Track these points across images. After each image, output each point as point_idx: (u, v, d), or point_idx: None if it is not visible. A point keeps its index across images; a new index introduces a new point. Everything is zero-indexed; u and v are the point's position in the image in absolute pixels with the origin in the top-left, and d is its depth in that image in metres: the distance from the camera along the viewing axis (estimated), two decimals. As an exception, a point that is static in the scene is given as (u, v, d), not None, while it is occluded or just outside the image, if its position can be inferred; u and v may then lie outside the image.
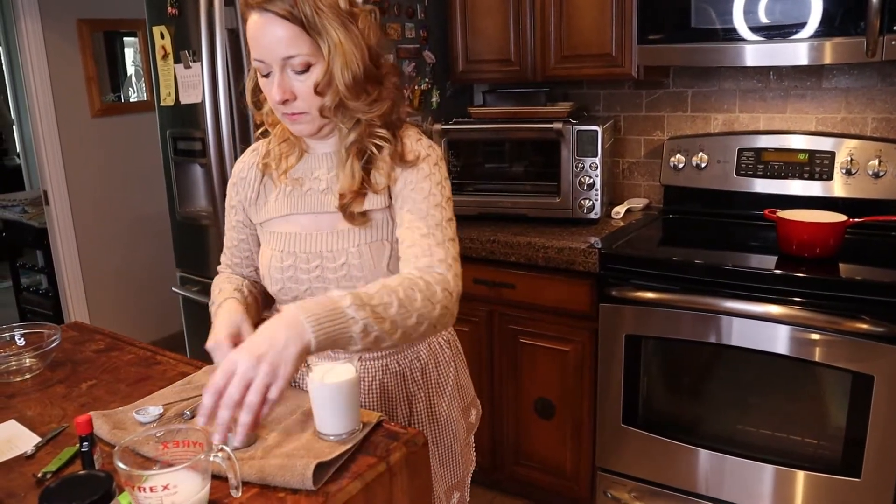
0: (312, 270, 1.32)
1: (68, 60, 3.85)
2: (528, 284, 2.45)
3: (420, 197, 1.27)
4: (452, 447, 1.49)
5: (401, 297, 1.10)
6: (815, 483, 2.06)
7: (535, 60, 2.68)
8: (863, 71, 2.41)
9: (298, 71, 1.21)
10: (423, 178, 1.28)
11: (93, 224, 4.04)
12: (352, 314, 1.04)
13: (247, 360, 0.97)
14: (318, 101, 1.23)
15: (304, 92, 1.22)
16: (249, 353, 0.97)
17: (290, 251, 1.34)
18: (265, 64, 1.22)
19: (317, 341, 1.00)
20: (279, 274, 1.35)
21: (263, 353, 0.97)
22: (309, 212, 1.34)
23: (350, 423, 1.16)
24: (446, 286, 1.18)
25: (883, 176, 2.31)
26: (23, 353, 1.51)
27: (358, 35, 1.22)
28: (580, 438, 2.47)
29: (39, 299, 4.48)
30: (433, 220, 1.25)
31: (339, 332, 1.03)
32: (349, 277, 1.31)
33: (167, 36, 2.75)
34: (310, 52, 1.19)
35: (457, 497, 1.53)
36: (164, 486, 0.93)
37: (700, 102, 2.72)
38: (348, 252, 1.31)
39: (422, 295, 1.13)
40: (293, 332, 0.99)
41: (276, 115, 1.31)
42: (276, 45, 1.19)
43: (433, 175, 1.29)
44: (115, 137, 4.09)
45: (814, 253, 2.09)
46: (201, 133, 2.67)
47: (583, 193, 2.55)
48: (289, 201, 1.36)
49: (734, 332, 2.09)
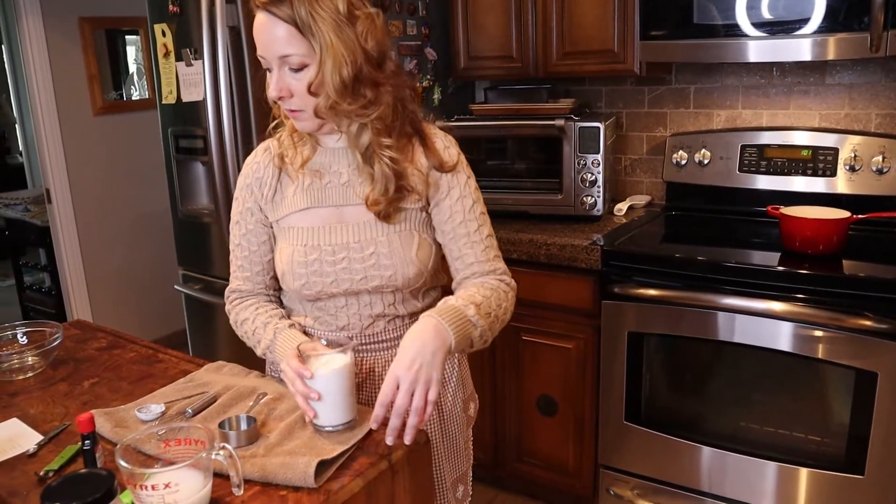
0: (339, 262, 1.33)
1: (70, 59, 3.86)
2: (530, 281, 2.45)
3: (469, 204, 1.37)
4: (457, 439, 1.51)
5: (495, 308, 1.30)
6: (819, 480, 2.05)
7: (537, 57, 2.67)
8: (866, 67, 2.40)
9: (294, 69, 1.24)
10: (464, 185, 1.38)
11: (95, 222, 4.04)
12: (475, 321, 1.23)
13: (407, 375, 1.12)
14: (313, 101, 1.25)
15: (298, 90, 1.25)
16: (408, 369, 1.13)
17: (314, 245, 1.35)
18: (266, 60, 1.26)
19: (456, 342, 1.18)
20: (303, 269, 1.35)
21: (419, 365, 1.13)
22: (331, 205, 1.36)
23: (346, 415, 1.18)
24: (514, 292, 1.39)
25: (887, 172, 2.30)
26: (25, 351, 1.51)
27: (353, 38, 1.22)
28: (583, 436, 2.47)
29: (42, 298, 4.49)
30: (486, 232, 1.39)
31: (467, 335, 1.23)
32: (378, 266, 1.33)
33: (169, 34, 2.75)
34: (305, 52, 1.22)
35: (461, 490, 1.55)
36: (166, 484, 0.93)
37: (703, 99, 2.71)
38: (377, 241, 1.33)
39: (506, 305, 1.34)
40: (438, 339, 1.16)
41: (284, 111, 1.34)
42: (274, 43, 1.22)
43: (471, 179, 1.39)
44: (117, 135, 4.10)
45: (817, 250, 2.08)
46: (203, 131, 2.67)
47: (585, 190, 2.54)
48: (308, 195, 1.36)
49: (737, 329, 2.08)
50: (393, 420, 1.12)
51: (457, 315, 1.21)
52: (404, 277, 1.34)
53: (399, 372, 1.13)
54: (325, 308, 1.39)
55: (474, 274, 1.37)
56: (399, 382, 1.13)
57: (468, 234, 1.37)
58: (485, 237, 1.38)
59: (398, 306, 1.39)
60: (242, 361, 1.51)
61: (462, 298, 1.26)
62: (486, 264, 1.37)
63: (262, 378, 1.42)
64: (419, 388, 1.12)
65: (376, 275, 1.33)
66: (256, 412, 1.24)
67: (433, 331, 1.17)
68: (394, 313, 1.40)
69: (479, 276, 1.37)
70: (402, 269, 1.34)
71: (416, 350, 1.15)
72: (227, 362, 1.49)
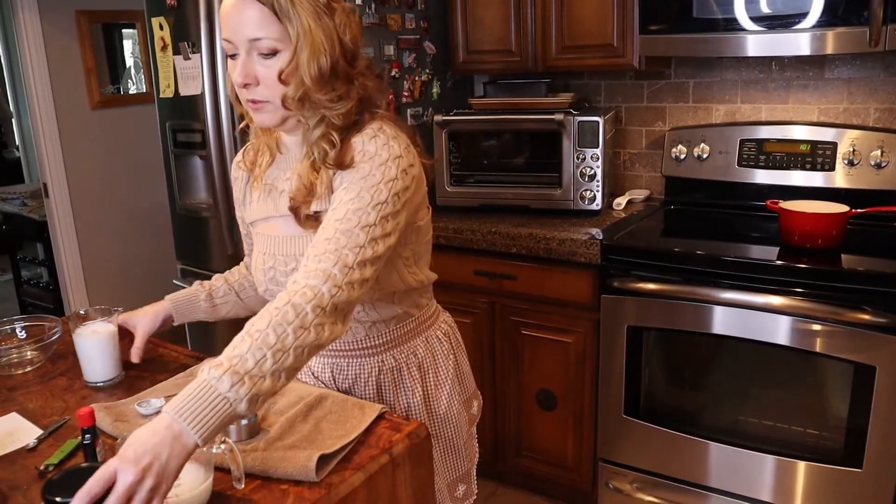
0: (289, 273, 1.29)
1: (67, 52, 3.84)
2: (529, 276, 2.45)
3: (347, 198, 1.19)
4: (454, 440, 1.48)
5: (272, 344, 1.01)
6: (817, 473, 2.06)
7: (536, 51, 2.67)
8: (865, 61, 2.40)
9: (264, 54, 1.17)
10: (358, 179, 1.20)
11: (93, 217, 4.03)
12: (233, 397, 0.96)
13: (132, 474, 0.88)
14: (281, 90, 1.19)
15: (267, 78, 1.18)
16: (135, 466, 0.88)
17: (270, 253, 1.34)
18: (232, 44, 1.19)
19: (203, 440, 0.94)
20: (262, 276, 1.35)
21: (149, 465, 0.89)
22: (282, 214, 1.31)
23: (106, 374, 1.41)
24: (319, 302, 1.08)
25: (885, 166, 2.30)
26: (24, 345, 1.51)
27: (332, 28, 1.18)
28: (582, 430, 2.47)
29: (40, 292, 4.48)
30: (346, 225, 1.15)
31: (226, 418, 0.97)
32: None
33: (166, 27, 2.74)
34: (278, 37, 1.16)
35: (463, 489, 1.52)
36: (167, 478, 0.93)
37: (702, 93, 2.71)
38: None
39: (293, 327, 1.04)
40: (177, 445, 0.92)
41: (242, 103, 1.26)
42: (245, 26, 1.16)
43: (371, 176, 1.19)
44: (115, 130, 4.08)
45: (816, 244, 2.08)
46: (201, 125, 2.66)
47: (584, 185, 2.54)
48: (266, 204, 1.35)
49: (736, 322, 2.09)
50: None
51: (205, 401, 0.95)
52: None
53: (120, 466, 0.89)
54: None
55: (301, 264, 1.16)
56: (117, 477, 0.88)
57: (328, 220, 1.18)
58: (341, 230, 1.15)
59: (371, 312, 1.33)
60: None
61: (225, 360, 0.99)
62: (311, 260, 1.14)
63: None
64: (143, 494, 0.88)
65: None
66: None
67: (173, 431, 0.93)
68: (369, 319, 1.34)
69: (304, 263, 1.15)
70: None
71: (148, 448, 0.91)
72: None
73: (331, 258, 1.12)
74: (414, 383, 1.41)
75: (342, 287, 1.11)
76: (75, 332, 1.41)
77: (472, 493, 1.55)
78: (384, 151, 1.22)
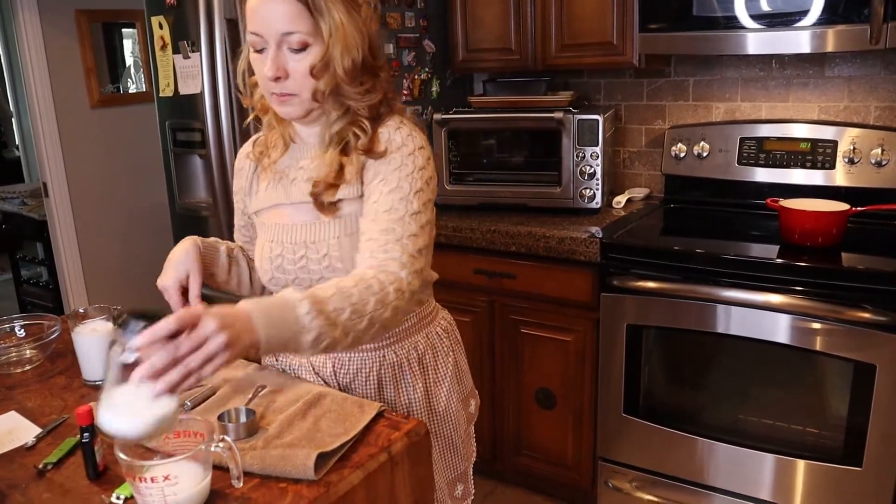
0: (298, 261, 1.32)
1: (67, 52, 3.84)
2: (528, 274, 2.45)
3: (387, 189, 1.24)
4: (452, 438, 1.48)
5: (354, 302, 1.09)
6: (817, 472, 2.06)
7: (536, 49, 2.66)
8: (866, 59, 2.40)
9: (295, 49, 1.19)
10: (392, 170, 1.25)
11: (92, 216, 4.03)
12: (306, 322, 1.02)
13: (214, 324, 0.91)
14: (310, 84, 1.21)
15: (297, 72, 1.21)
16: (219, 321, 0.92)
17: (279, 241, 1.35)
18: (261, 38, 1.20)
19: (265, 343, 0.98)
20: (268, 264, 1.36)
21: (229, 326, 0.93)
22: (293, 202, 1.34)
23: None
24: (400, 286, 1.16)
25: (886, 165, 2.30)
26: (23, 344, 1.51)
27: (360, 22, 1.22)
28: (581, 428, 2.47)
29: (40, 291, 4.48)
30: (396, 215, 1.22)
31: (291, 338, 1.02)
32: (332, 269, 1.30)
33: (166, 26, 2.73)
34: (309, 31, 1.18)
35: (461, 489, 1.52)
36: (165, 476, 0.93)
37: (701, 91, 2.71)
38: (329, 244, 1.30)
39: (375, 298, 1.11)
40: (246, 334, 0.96)
41: (265, 95, 1.28)
42: (276, 20, 1.18)
43: (405, 166, 1.26)
44: (115, 129, 4.08)
45: (816, 242, 2.08)
46: (200, 124, 2.66)
47: (584, 183, 2.54)
48: (276, 192, 1.37)
49: (736, 321, 2.09)
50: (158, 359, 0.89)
51: (282, 312, 1.02)
52: None
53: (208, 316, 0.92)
54: None
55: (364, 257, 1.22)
56: (199, 322, 0.91)
57: (376, 212, 1.23)
58: (394, 220, 1.22)
59: None
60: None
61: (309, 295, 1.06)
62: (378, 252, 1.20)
63: (261, 370, 1.41)
64: (212, 346, 0.91)
65: (331, 276, 1.27)
66: (255, 405, 1.24)
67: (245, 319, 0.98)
68: None
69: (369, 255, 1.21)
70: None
71: (230, 318, 0.95)
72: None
73: (396, 248, 1.19)
74: (415, 379, 1.41)
75: (414, 274, 1.20)
76: (74, 331, 1.41)
77: (470, 494, 1.55)
78: (410, 142, 1.28)
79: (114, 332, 1.04)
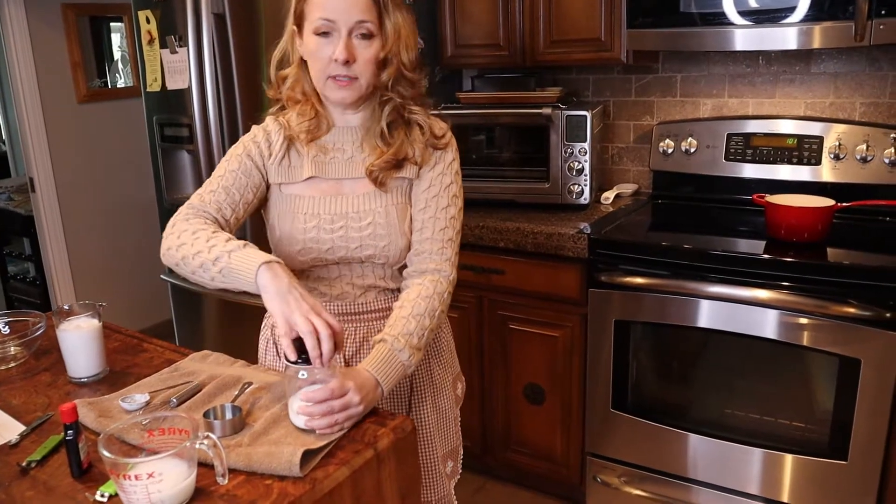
0: (336, 230, 1.39)
1: (53, 46, 3.81)
2: (517, 270, 2.45)
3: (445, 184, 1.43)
4: (447, 414, 1.57)
5: (426, 325, 1.34)
6: (803, 466, 2.07)
7: (525, 45, 2.66)
8: (851, 55, 2.41)
9: (364, 36, 1.31)
10: (445, 168, 1.43)
11: (80, 211, 4.01)
12: (407, 363, 1.29)
13: (358, 397, 1.16)
14: (371, 70, 1.33)
15: (365, 57, 1.32)
16: (360, 392, 1.17)
17: (314, 213, 1.40)
18: (333, 24, 1.30)
19: (387, 390, 1.25)
20: (301, 235, 1.40)
21: (364, 394, 1.18)
22: (333, 177, 1.41)
23: (90, 369, 1.40)
24: (450, 285, 1.41)
25: (871, 161, 2.32)
26: (7, 341, 1.50)
27: (412, 22, 1.37)
28: (570, 424, 2.48)
29: (27, 287, 4.46)
30: (449, 213, 1.42)
31: (400, 377, 1.29)
32: (374, 236, 1.40)
33: (153, 21, 2.72)
34: (375, 22, 1.31)
35: (451, 466, 1.59)
36: (150, 473, 0.93)
37: (689, 87, 2.71)
38: (375, 212, 1.40)
39: (438, 311, 1.37)
40: (374, 393, 1.22)
41: (318, 79, 1.35)
42: (354, 8, 1.29)
43: (452, 165, 1.45)
44: (102, 124, 4.06)
45: (802, 237, 2.09)
46: (188, 119, 2.65)
47: (572, 179, 2.54)
48: (313, 166, 1.41)
49: (723, 316, 2.10)
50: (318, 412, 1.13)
51: (392, 365, 1.27)
52: (396, 248, 1.41)
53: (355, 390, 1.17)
54: (320, 279, 1.44)
55: (422, 254, 1.41)
56: (347, 395, 1.15)
57: (436, 208, 1.41)
58: (449, 217, 1.43)
59: (388, 280, 1.46)
60: (228, 351, 1.51)
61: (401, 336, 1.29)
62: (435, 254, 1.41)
63: (247, 367, 1.41)
64: (354, 411, 1.16)
65: (371, 244, 1.40)
66: (241, 402, 1.24)
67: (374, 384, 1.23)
68: (384, 286, 1.47)
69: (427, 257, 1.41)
70: (396, 240, 1.41)
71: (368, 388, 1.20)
72: (213, 352, 1.48)
73: (448, 249, 1.42)
74: None
75: (456, 267, 1.44)
76: (59, 328, 1.40)
77: (458, 472, 1.64)
78: (453, 140, 1.47)
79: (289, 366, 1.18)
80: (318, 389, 1.14)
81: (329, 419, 1.13)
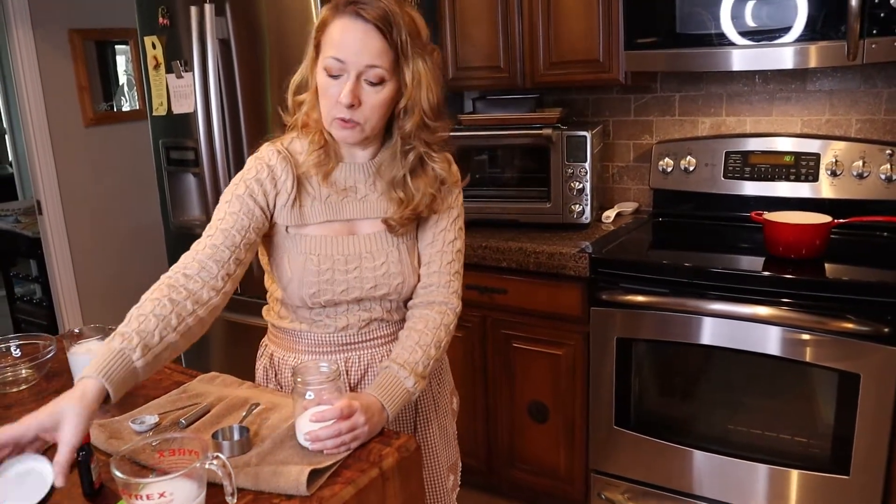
0: (351, 271, 1.39)
1: (60, 70, 3.86)
2: (519, 289, 2.48)
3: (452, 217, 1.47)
4: (447, 429, 1.60)
5: (432, 354, 1.38)
6: (806, 481, 2.08)
7: (525, 67, 2.70)
8: (846, 73, 2.45)
9: (372, 82, 1.28)
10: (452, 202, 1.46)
11: (86, 233, 4.04)
12: (412, 390, 1.33)
13: (362, 419, 1.19)
14: (377, 116, 1.31)
15: (370, 103, 1.29)
16: (368, 418, 1.20)
17: (328, 255, 1.39)
18: (343, 65, 1.27)
19: (393, 415, 1.29)
20: (314, 277, 1.37)
21: (370, 416, 1.21)
22: (346, 218, 1.41)
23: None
24: (455, 318, 1.45)
25: (867, 177, 2.34)
26: (19, 363, 1.52)
27: (434, 67, 1.33)
28: (573, 441, 2.49)
29: (33, 309, 4.48)
30: (455, 247, 1.47)
31: (405, 404, 1.34)
32: (388, 275, 1.41)
33: (159, 46, 2.77)
34: (389, 68, 1.28)
35: (452, 480, 1.62)
36: (161, 493, 0.95)
37: (687, 106, 2.75)
38: (388, 252, 1.41)
39: (443, 344, 1.41)
40: (380, 417, 1.25)
41: (325, 117, 1.33)
42: (365, 52, 1.26)
43: (458, 198, 1.48)
44: (108, 147, 4.10)
45: (800, 254, 2.12)
46: (194, 142, 2.69)
47: (573, 198, 2.57)
48: (326, 208, 1.39)
49: (723, 333, 2.12)
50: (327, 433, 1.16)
51: (399, 394, 1.31)
52: (409, 286, 1.44)
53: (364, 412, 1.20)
54: (326, 313, 1.43)
55: (430, 287, 1.45)
56: (354, 415, 1.18)
57: (444, 242, 1.45)
58: (455, 251, 1.47)
59: (393, 313, 1.48)
60: (234, 371, 1.53)
61: (406, 364, 1.34)
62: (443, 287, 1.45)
63: (254, 388, 1.44)
64: (361, 432, 1.19)
65: (385, 283, 1.41)
66: (249, 422, 1.26)
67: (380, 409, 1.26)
68: (389, 318, 1.48)
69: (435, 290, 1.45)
70: (409, 278, 1.43)
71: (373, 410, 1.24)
72: (220, 373, 1.50)
73: (455, 282, 1.46)
74: None
75: (461, 298, 1.48)
76: (70, 351, 1.43)
77: (458, 486, 1.66)
78: (457, 174, 1.48)
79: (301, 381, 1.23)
80: (327, 410, 1.17)
81: (336, 440, 1.16)
